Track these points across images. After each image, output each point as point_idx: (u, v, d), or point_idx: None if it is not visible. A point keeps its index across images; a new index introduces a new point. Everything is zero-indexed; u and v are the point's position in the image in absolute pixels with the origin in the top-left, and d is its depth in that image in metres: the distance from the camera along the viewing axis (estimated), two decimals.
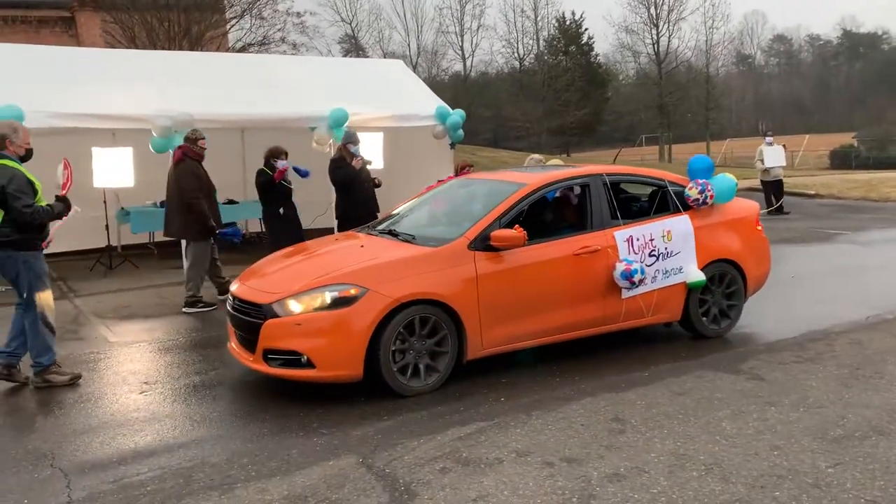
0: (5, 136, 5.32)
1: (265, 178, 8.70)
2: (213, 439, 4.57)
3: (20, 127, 5.52)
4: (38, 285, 5.52)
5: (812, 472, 3.84)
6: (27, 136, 5.48)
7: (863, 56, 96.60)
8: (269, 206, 8.76)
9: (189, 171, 8.15)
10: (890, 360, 5.64)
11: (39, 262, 5.57)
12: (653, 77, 51.83)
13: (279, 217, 8.69)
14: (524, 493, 3.73)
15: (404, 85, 12.77)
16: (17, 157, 5.36)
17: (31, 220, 5.28)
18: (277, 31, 24.25)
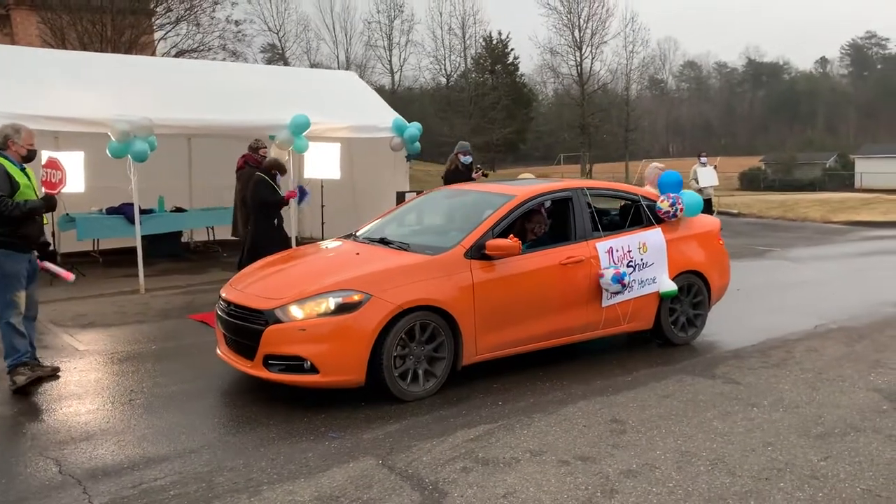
0: (7, 136, 5.21)
1: (274, 198, 8.57)
2: (223, 445, 4.54)
3: (22, 128, 5.39)
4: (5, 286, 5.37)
5: (807, 465, 4.16)
6: (30, 137, 5.35)
7: (765, 84, 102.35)
8: (264, 216, 8.58)
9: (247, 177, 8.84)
10: (846, 364, 6.10)
11: (10, 262, 5.40)
12: (576, 98, 53.38)
13: (273, 228, 8.58)
14: (549, 490, 3.89)
15: (360, 96, 12.84)
16: (18, 157, 5.24)
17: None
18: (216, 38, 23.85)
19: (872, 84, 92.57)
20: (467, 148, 10.00)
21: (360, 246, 6.05)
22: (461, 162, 9.76)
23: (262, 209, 8.53)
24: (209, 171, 13.16)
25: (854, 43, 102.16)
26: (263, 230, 8.51)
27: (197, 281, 10.39)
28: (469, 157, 9.85)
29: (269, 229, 8.53)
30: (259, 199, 8.51)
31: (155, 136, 9.38)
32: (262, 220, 8.53)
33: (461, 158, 9.76)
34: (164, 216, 11.88)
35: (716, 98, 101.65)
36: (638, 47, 58.00)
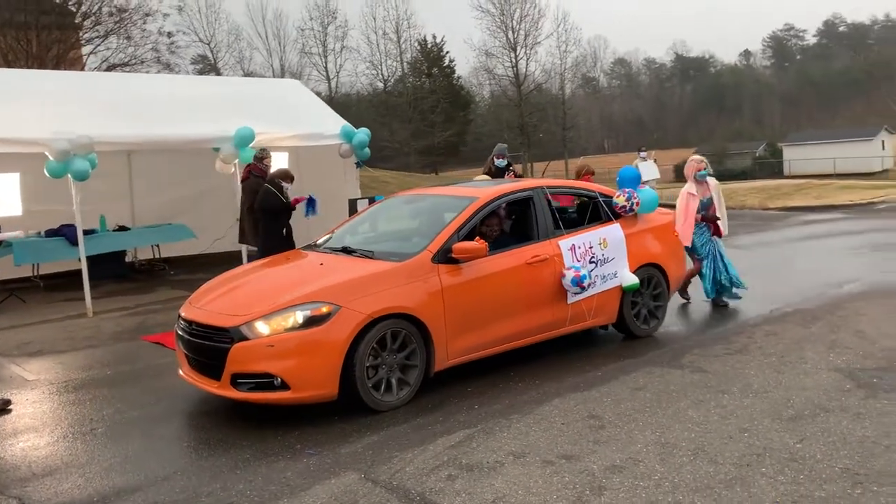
0: None
1: (279, 203, 8.46)
2: (196, 469, 4.38)
3: None
4: None
5: (785, 449, 4.23)
6: None
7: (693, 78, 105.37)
8: (272, 226, 8.43)
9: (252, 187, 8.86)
10: (806, 346, 6.27)
11: None
12: (513, 99, 53.85)
13: (281, 237, 8.38)
14: (538, 492, 3.86)
15: (305, 104, 12.65)
16: None
17: None
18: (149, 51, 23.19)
19: (793, 74, 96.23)
20: (503, 151, 9.72)
21: (323, 256, 5.93)
22: (495, 165, 9.55)
23: (269, 217, 8.45)
24: (151, 188, 12.82)
25: (774, 35, 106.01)
26: (271, 239, 8.33)
27: (146, 301, 10.06)
28: (504, 161, 9.61)
29: (278, 238, 8.33)
30: (265, 207, 8.45)
31: (95, 153, 9.05)
32: (270, 229, 8.40)
33: (495, 161, 9.54)
34: (107, 236, 11.46)
35: (646, 94, 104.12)
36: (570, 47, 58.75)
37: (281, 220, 8.53)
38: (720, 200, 8.04)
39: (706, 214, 7.90)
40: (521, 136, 53.72)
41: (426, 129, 50.51)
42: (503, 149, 9.73)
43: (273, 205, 8.42)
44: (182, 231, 12.39)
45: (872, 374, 5.44)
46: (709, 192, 7.99)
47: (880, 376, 5.39)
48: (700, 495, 3.72)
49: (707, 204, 7.94)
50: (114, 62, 22.52)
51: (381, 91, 55.54)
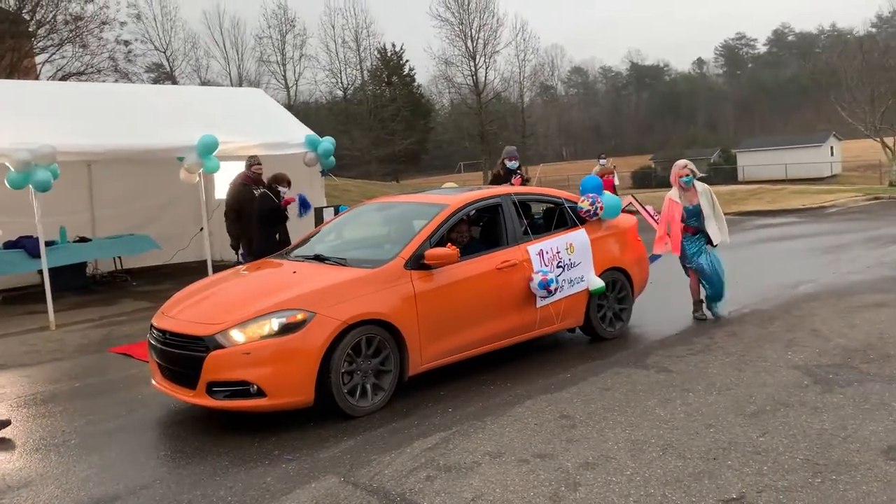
0: None
1: (272, 204, 8.52)
2: (176, 477, 4.40)
3: None
4: None
5: (749, 443, 4.42)
6: None
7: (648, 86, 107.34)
8: (265, 231, 8.42)
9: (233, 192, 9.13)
10: (765, 345, 6.50)
11: None
12: (472, 107, 54.20)
13: (275, 242, 8.35)
14: (515, 489, 3.97)
15: (268, 113, 12.63)
16: None
17: None
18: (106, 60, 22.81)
19: (745, 82, 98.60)
20: (512, 153, 9.53)
21: (296, 264, 5.98)
22: (506, 168, 9.44)
23: (263, 221, 8.46)
24: (112, 198, 12.67)
25: (727, 44, 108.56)
26: (266, 244, 8.30)
27: (110, 312, 9.94)
28: (515, 163, 9.45)
29: (273, 243, 8.30)
30: (258, 211, 8.51)
31: (57, 163, 8.94)
32: (263, 233, 8.40)
33: (506, 163, 9.43)
34: (68, 247, 11.29)
35: (603, 101, 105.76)
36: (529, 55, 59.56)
37: (275, 225, 8.54)
38: (712, 207, 7.58)
39: (699, 224, 7.54)
40: (481, 143, 54.09)
41: (387, 137, 50.56)
42: (511, 150, 9.54)
43: (266, 208, 8.48)
44: (145, 242, 12.26)
45: (828, 371, 5.68)
46: (696, 199, 7.54)
47: (836, 372, 5.63)
48: (670, 488, 3.88)
49: (695, 212, 7.51)
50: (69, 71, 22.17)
51: (341, 99, 55.42)
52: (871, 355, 6.01)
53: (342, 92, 55.53)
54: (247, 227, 8.78)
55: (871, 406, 4.89)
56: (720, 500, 3.73)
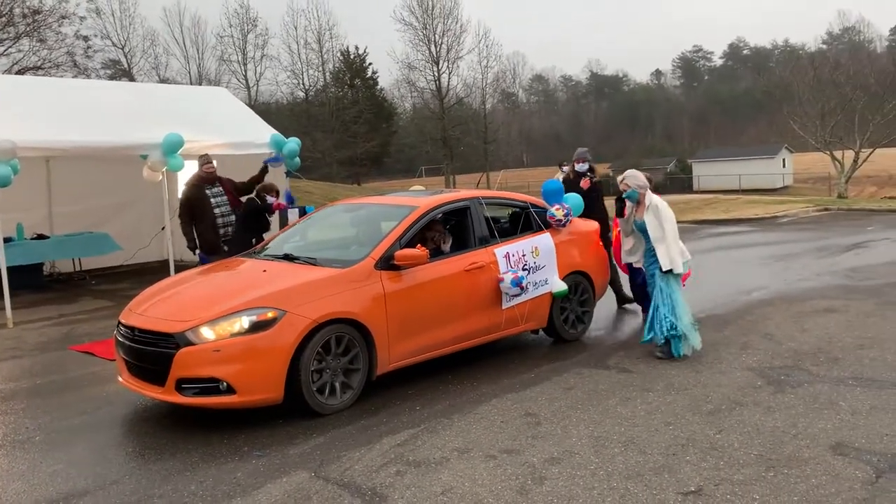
0: None
1: (255, 205, 8.53)
2: (145, 473, 4.41)
3: None
4: None
5: (706, 439, 4.61)
6: None
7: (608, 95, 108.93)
8: (245, 235, 8.31)
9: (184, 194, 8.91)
10: (721, 348, 6.74)
11: None
12: (435, 112, 54.42)
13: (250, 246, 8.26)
14: (483, 483, 4.09)
15: (233, 112, 12.58)
16: None
17: None
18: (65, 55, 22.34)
19: (702, 93, 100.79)
20: (581, 154, 8.98)
21: (266, 263, 6.02)
22: (575, 170, 8.99)
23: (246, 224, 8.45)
24: (71, 195, 12.46)
25: (684, 56, 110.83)
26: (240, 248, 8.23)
27: (70, 311, 9.81)
28: (584, 165, 8.87)
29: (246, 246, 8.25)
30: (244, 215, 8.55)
31: (18, 159, 8.81)
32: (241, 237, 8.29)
33: (575, 166, 8.99)
34: (25, 245, 11.09)
35: (563, 110, 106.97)
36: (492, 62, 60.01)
37: (258, 231, 8.51)
38: (661, 229, 6.52)
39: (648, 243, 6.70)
40: (443, 148, 54.36)
41: (349, 139, 50.42)
42: (583, 153, 9.00)
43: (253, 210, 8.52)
44: (105, 242, 12.09)
45: (780, 372, 5.93)
46: (643, 215, 6.63)
47: (787, 374, 5.88)
48: (632, 482, 4.04)
49: (642, 227, 6.67)
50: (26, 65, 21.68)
51: (303, 100, 55.11)
52: (821, 358, 6.28)
53: (304, 93, 55.29)
54: (202, 229, 8.68)
55: (820, 405, 5.13)
56: (679, 492, 3.89)
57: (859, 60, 44.46)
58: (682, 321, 6.42)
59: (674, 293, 6.50)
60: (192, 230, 8.63)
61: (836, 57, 48.09)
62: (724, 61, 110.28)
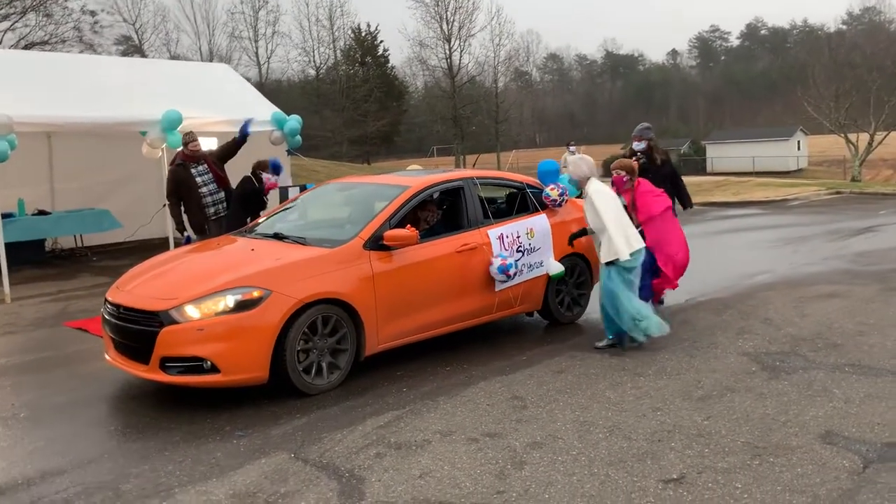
0: None
1: (251, 186, 8.31)
2: (124, 452, 4.39)
3: None
4: None
5: (693, 426, 4.53)
6: None
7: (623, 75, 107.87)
8: (241, 214, 8.18)
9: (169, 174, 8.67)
10: (717, 333, 6.64)
11: None
12: (446, 90, 54.03)
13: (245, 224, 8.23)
14: (462, 466, 4.04)
15: (234, 89, 12.49)
16: None
17: None
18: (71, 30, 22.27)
19: (718, 74, 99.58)
20: (640, 131, 8.02)
21: (254, 242, 5.96)
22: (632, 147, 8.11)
23: (241, 204, 8.29)
24: (73, 171, 12.45)
25: (700, 36, 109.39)
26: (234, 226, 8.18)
27: (68, 287, 9.82)
28: (641, 144, 7.89)
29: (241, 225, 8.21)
30: (238, 194, 8.38)
31: (15, 134, 8.77)
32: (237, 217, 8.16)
33: (633, 144, 8.06)
34: (26, 220, 11.10)
35: (577, 89, 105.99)
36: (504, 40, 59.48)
37: (253, 209, 8.41)
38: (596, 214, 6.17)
39: None
40: (454, 127, 54.00)
41: (359, 118, 50.17)
42: (641, 129, 8.05)
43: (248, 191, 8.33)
44: (106, 219, 12.09)
45: (776, 358, 5.82)
46: None
47: (783, 360, 5.77)
48: (614, 468, 3.97)
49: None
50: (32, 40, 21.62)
51: (314, 78, 54.87)
52: (819, 344, 6.17)
53: (315, 71, 54.98)
54: (189, 209, 8.58)
55: (813, 392, 5.03)
56: (661, 480, 3.82)
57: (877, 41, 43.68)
58: (622, 319, 6.05)
59: (616, 287, 6.03)
60: (179, 211, 8.51)
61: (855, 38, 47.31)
62: (741, 41, 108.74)
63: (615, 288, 6.05)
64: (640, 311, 6.07)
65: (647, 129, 7.96)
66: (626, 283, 6.07)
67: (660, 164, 7.81)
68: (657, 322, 6.11)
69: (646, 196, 6.70)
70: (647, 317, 6.08)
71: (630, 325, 6.07)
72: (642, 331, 6.08)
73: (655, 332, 6.10)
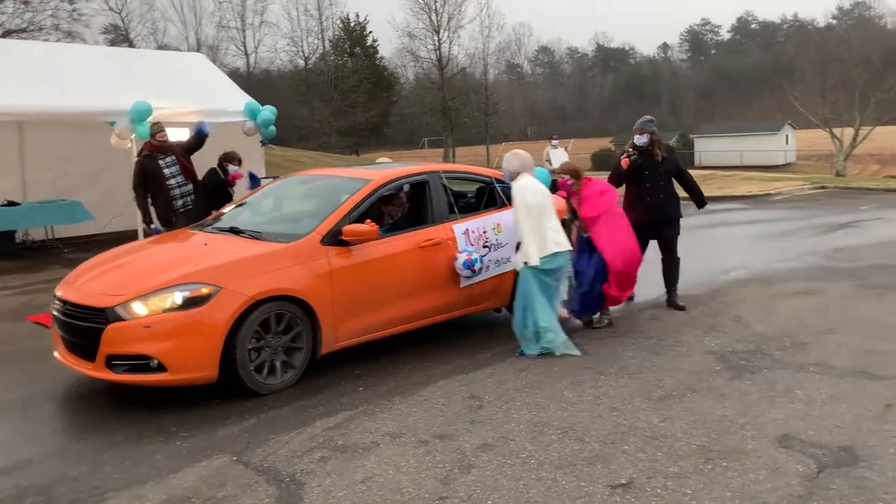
0: None
1: (216, 178, 8.19)
2: (63, 453, 4.26)
3: None
4: None
5: (649, 427, 4.43)
6: None
7: (614, 68, 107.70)
8: (206, 206, 7.98)
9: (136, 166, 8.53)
10: (685, 330, 6.55)
11: None
12: (436, 82, 53.74)
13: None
14: (407, 470, 3.92)
15: (209, 79, 12.31)
16: None
17: None
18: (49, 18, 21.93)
19: (709, 68, 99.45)
20: (641, 125, 7.45)
21: (209, 236, 5.82)
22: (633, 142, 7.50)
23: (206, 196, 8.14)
24: (45, 162, 12.22)
25: (691, 29, 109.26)
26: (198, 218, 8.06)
27: (35, 280, 9.64)
28: (643, 138, 7.35)
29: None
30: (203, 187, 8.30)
31: None
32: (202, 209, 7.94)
33: (634, 138, 7.47)
34: None
35: (568, 82, 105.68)
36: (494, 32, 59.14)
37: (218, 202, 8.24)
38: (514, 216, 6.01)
39: None
40: (443, 119, 53.74)
41: (347, 109, 49.83)
42: (643, 122, 7.51)
43: (212, 183, 8.22)
44: (78, 210, 11.87)
45: (741, 357, 5.74)
46: None
47: (748, 359, 5.69)
48: (562, 472, 3.86)
49: None
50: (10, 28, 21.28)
51: (302, 69, 54.50)
52: (787, 343, 6.09)
53: (303, 61, 54.61)
54: (156, 202, 8.42)
55: (776, 393, 4.94)
56: (609, 485, 3.72)
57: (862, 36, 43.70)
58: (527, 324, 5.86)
59: (530, 290, 5.84)
60: (146, 204, 8.37)
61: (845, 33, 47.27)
62: (731, 35, 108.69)
63: (529, 290, 5.88)
64: (549, 322, 5.83)
65: (650, 123, 7.49)
66: (543, 287, 5.89)
67: (660, 160, 7.39)
68: (563, 340, 5.89)
69: (590, 198, 6.60)
70: (554, 330, 5.85)
71: (530, 333, 5.86)
72: (546, 343, 5.82)
73: (559, 349, 5.83)
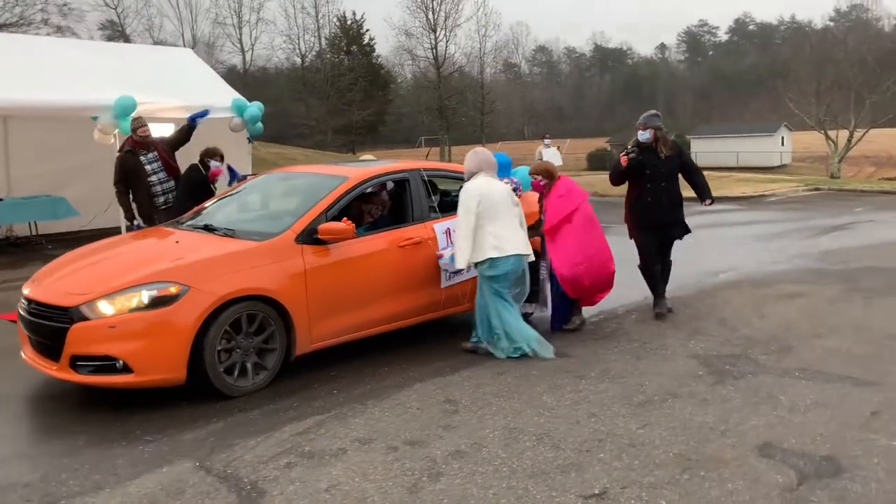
0: None
1: (197, 174, 8.02)
2: (20, 458, 4.12)
3: None
4: None
5: (627, 434, 4.30)
6: None
7: (611, 69, 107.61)
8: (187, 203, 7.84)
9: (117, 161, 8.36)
10: (669, 333, 6.42)
11: None
12: (432, 81, 53.59)
13: None
14: (374, 478, 3.79)
15: (195, 74, 12.15)
16: None
17: None
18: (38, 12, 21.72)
19: (706, 69, 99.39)
20: (645, 119, 7.09)
21: (181, 233, 5.68)
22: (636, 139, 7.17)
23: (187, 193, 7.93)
24: (30, 157, 12.06)
25: (689, 30, 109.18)
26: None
27: (15, 276, 9.46)
28: (646, 133, 7.00)
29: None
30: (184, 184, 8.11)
31: None
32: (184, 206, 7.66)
33: (637, 133, 7.16)
34: None
35: (566, 82, 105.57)
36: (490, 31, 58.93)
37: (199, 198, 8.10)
38: None
39: None
40: (440, 118, 53.60)
41: (344, 107, 49.69)
42: (647, 117, 7.13)
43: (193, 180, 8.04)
44: (62, 206, 11.72)
45: (726, 361, 5.61)
46: None
47: (733, 363, 5.56)
48: (534, 481, 3.73)
49: None
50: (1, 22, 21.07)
51: (299, 66, 54.31)
52: (773, 346, 5.96)
53: (300, 59, 54.46)
54: (138, 198, 8.27)
55: (758, 399, 4.82)
56: (581, 495, 3.59)
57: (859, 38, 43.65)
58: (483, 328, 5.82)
59: (485, 295, 5.79)
60: (128, 199, 8.23)
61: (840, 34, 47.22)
62: (729, 36, 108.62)
63: (484, 296, 5.80)
64: (501, 329, 5.72)
65: (654, 117, 7.13)
66: (493, 294, 5.77)
67: (664, 158, 7.10)
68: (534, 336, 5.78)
69: (554, 201, 6.54)
70: (509, 337, 5.72)
71: (488, 337, 5.80)
72: (500, 349, 5.74)
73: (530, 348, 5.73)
